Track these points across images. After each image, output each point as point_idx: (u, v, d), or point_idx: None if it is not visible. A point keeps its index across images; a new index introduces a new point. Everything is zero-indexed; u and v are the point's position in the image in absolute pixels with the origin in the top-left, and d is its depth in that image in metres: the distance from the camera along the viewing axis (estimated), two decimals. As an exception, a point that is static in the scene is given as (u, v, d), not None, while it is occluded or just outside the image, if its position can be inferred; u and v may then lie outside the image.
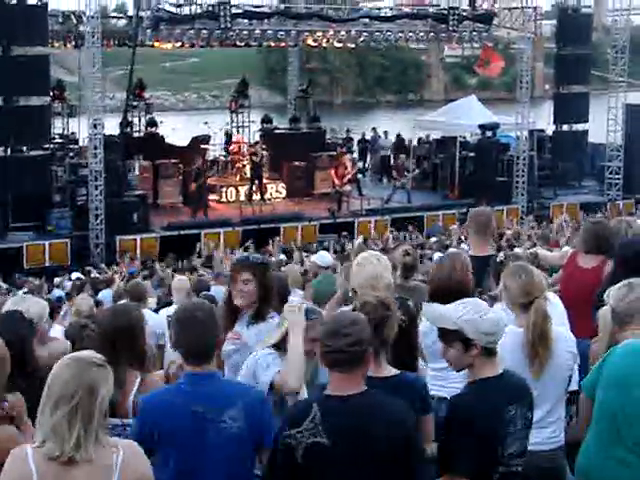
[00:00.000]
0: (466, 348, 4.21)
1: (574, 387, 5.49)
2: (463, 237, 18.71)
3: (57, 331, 8.34)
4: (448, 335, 4.28)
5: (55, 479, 3.45)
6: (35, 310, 5.57)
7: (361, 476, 3.87)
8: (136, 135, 28.06)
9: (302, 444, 3.83)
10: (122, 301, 10.36)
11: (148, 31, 24.18)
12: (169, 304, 10.23)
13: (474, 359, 4.25)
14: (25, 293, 17.14)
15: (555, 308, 5.74)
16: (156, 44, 25.45)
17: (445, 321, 4.30)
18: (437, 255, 15.82)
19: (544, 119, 30.40)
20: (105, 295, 14.53)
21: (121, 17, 26.28)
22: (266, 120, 30.69)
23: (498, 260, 7.01)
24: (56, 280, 20.14)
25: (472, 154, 28.74)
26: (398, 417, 3.98)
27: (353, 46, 29.89)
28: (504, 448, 4.17)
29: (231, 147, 28.92)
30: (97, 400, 3.48)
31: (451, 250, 10.76)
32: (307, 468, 3.86)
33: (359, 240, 19.12)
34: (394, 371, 4.64)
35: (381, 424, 3.88)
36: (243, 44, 27.18)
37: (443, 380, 5.46)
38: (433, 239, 21.14)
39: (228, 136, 30.38)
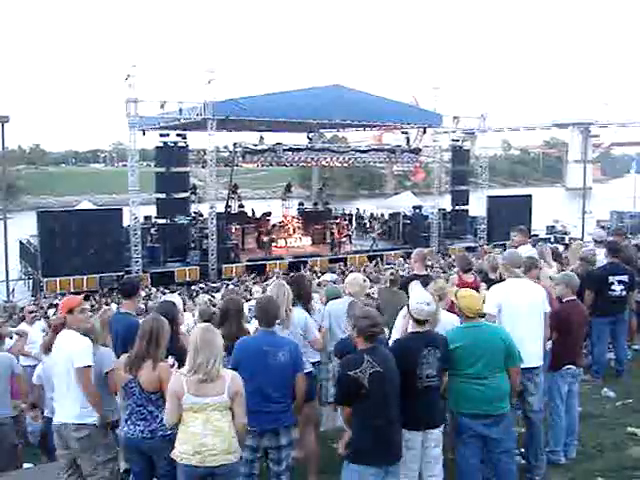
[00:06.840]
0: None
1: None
2: (406, 266, 18.76)
3: (188, 316, 8.31)
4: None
5: (199, 387, 3.59)
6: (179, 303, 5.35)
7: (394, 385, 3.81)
8: (233, 212, 28.19)
9: (366, 374, 3.67)
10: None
11: (240, 158, 24.38)
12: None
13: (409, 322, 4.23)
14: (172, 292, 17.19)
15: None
16: (243, 165, 25.74)
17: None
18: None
19: (447, 203, 30.64)
20: (216, 295, 14.79)
21: (225, 151, 26.54)
22: (301, 204, 30.75)
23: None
24: (192, 287, 20.19)
25: (409, 221, 28.85)
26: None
27: (347, 165, 30.22)
28: (421, 370, 4.00)
29: (282, 218, 29.22)
30: (217, 350, 3.60)
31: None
32: (371, 388, 3.69)
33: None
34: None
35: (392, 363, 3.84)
36: (289, 164, 27.54)
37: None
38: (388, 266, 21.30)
39: (281, 212, 30.46)
